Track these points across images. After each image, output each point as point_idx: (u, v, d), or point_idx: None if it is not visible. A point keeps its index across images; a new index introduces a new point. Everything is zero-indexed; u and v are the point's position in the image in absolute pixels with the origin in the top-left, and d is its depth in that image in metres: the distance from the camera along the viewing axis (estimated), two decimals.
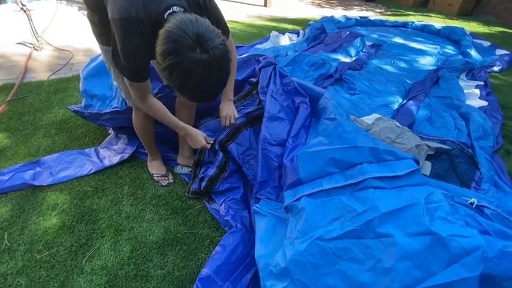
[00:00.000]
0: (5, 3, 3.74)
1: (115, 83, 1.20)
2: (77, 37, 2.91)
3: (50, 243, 1.07)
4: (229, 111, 1.24)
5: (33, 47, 2.58)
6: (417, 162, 0.92)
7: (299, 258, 0.76)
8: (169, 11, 0.80)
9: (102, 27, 0.99)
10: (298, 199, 0.89)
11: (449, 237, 0.68)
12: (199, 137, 1.18)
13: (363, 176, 0.85)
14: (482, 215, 1.01)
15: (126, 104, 1.27)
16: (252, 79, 1.44)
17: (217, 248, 1.01)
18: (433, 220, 0.72)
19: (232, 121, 1.25)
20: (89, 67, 1.53)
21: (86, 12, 1.04)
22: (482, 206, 1.08)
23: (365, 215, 0.75)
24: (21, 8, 2.38)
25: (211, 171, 1.25)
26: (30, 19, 2.44)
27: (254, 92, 1.38)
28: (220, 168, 1.26)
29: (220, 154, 1.27)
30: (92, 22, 1.03)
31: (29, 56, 2.45)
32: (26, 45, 2.65)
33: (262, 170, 1.10)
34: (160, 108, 1.08)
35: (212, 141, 1.24)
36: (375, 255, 0.72)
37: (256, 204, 1.04)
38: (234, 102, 1.37)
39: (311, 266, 0.76)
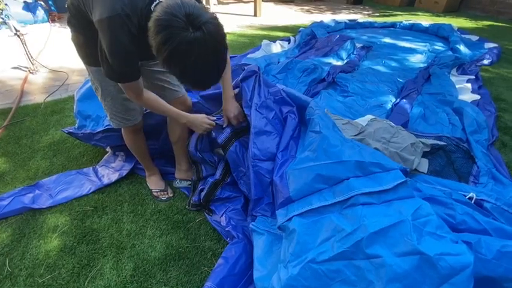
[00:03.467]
0: None
1: (102, 104, 1.18)
2: (72, 58, 2.95)
3: (51, 266, 1.07)
4: (235, 110, 1.20)
5: (29, 70, 2.62)
6: (405, 172, 0.91)
7: (293, 282, 0.75)
8: (156, 2, 0.80)
9: (87, 48, 1.00)
10: (290, 219, 0.88)
11: (437, 256, 0.67)
12: (202, 119, 1.17)
13: (351, 192, 0.84)
14: (481, 210, 1.01)
15: None
16: (236, 90, 1.37)
17: (220, 261, 1.00)
18: (422, 237, 0.71)
19: (241, 120, 1.21)
20: (82, 89, 1.55)
21: None
22: (482, 200, 1.08)
23: (354, 235, 0.74)
24: (15, 33, 2.43)
25: (213, 178, 1.25)
26: (24, 43, 2.48)
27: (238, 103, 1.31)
28: (222, 175, 1.27)
29: (222, 164, 1.28)
30: (77, 44, 1.04)
31: (25, 80, 2.48)
32: (21, 69, 2.69)
33: (255, 187, 1.08)
34: (157, 101, 1.08)
35: (214, 120, 1.21)
36: (366, 277, 0.71)
37: (252, 223, 1.03)
38: (218, 113, 1.34)
39: None
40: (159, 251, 1.12)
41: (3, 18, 3.30)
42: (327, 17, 5.05)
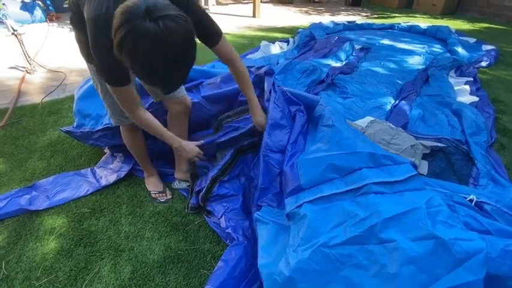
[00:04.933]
0: None
1: (103, 101, 1.17)
2: (70, 58, 2.93)
3: (48, 269, 1.05)
4: (264, 120, 1.23)
5: (26, 70, 2.59)
6: (415, 166, 0.93)
7: (303, 266, 0.75)
8: None
9: (88, 46, 1.00)
10: (300, 206, 0.89)
11: (452, 240, 0.68)
12: (191, 147, 1.17)
13: (364, 181, 0.86)
14: (482, 212, 1.01)
15: None
16: (242, 97, 1.42)
17: (220, 263, 0.99)
18: (435, 224, 0.72)
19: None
20: (83, 88, 1.54)
21: None
22: (482, 202, 1.08)
23: (368, 220, 0.75)
24: (13, 33, 2.41)
25: (213, 173, 1.27)
26: (21, 43, 2.46)
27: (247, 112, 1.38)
28: (222, 170, 1.29)
29: (228, 155, 1.30)
30: (79, 42, 1.04)
31: (22, 80, 2.46)
32: (18, 69, 2.67)
33: (263, 177, 1.10)
34: (153, 122, 1.07)
35: (202, 154, 1.22)
36: (379, 261, 0.72)
37: (257, 212, 1.03)
38: (229, 116, 1.38)
39: (316, 273, 0.75)
40: (158, 254, 1.11)
41: (0, 18, 3.27)
42: (325, 19, 5.06)
